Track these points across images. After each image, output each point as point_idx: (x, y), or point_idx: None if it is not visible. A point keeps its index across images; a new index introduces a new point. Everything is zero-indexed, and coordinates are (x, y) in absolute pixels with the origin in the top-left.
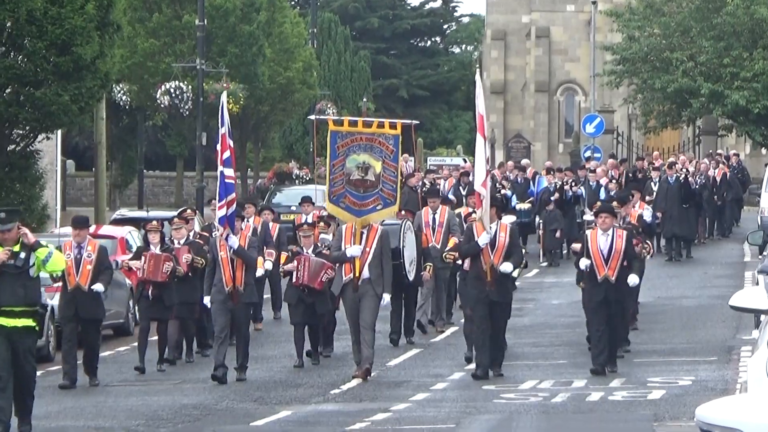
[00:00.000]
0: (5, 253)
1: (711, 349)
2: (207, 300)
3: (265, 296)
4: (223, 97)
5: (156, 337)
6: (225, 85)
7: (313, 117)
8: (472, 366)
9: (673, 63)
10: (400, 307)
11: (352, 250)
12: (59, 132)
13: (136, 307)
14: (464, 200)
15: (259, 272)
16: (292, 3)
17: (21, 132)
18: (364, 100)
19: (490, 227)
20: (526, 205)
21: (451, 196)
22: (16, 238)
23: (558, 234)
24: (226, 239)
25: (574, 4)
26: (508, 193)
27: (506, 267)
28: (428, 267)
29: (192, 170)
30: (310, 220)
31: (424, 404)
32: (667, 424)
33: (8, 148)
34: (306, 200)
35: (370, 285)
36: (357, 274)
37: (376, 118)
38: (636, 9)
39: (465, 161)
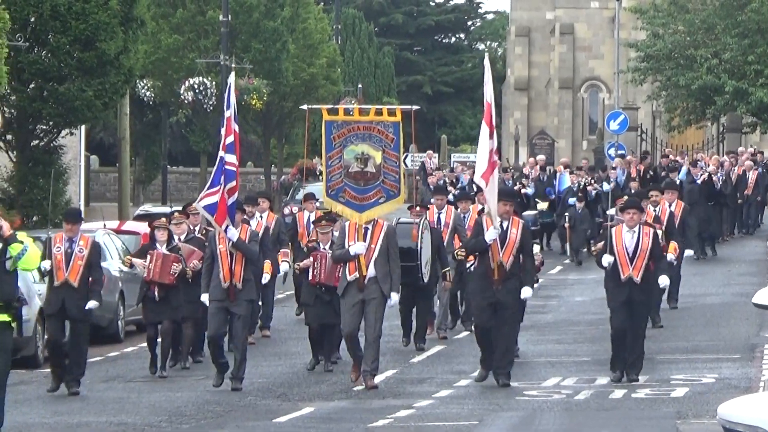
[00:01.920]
0: None
1: (734, 347)
2: (205, 297)
3: (286, 293)
4: (231, 78)
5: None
6: (249, 81)
7: (305, 107)
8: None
9: (697, 60)
10: (411, 310)
11: (356, 247)
12: (83, 127)
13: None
14: (475, 198)
15: (266, 278)
16: None
17: (45, 127)
18: (360, 86)
19: (502, 223)
20: (544, 205)
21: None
22: None
23: (588, 233)
24: (225, 231)
25: (598, 0)
26: (529, 191)
27: (526, 293)
28: (447, 273)
29: (213, 165)
30: (313, 218)
31: (447, 401)
32: (691, 421)
33: (32, 144)
34: (309, 197)
35: (376, 285)
36: (362, 273)
37: (374, 105)
38: (660, 6)
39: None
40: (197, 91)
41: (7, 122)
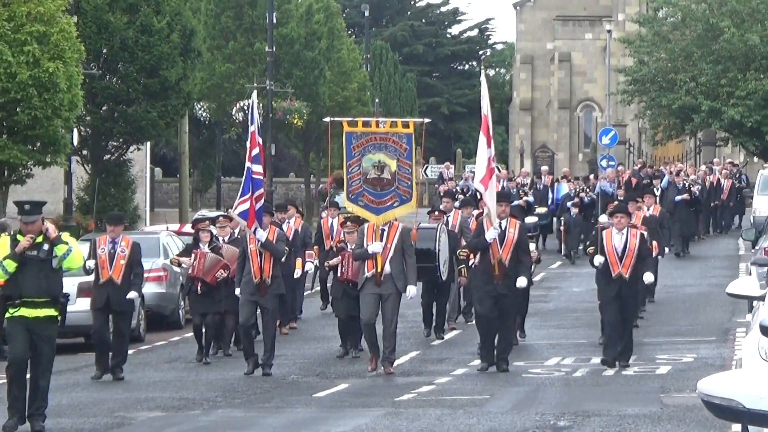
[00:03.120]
0: (27, 240)
1: (710, 331)
2: (238, 291)
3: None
4: (254, 97)
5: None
6: (291, 102)
7: (327, 119)
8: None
9: (677, 83)
10: (431, 305)
11: (374, 246)
12: (148, 144)
13: (187, 302)
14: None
15: (297, 273)
16: (349, 32)
17: (115, 144)
18: (377, 101)
19: (501, 223)
20: (543, 209)
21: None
22: (40, 230)
23: (582, 235)
24: (254, 232)
25: (591, 32)
26: (531, 198)
27: (521, 282)
28: (462, 269)
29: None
30: (336, 223)
31: (463, 378)
32: (673, 395)
33: (104, 158)
34: (332, 205)
35: (391, 280)
36: (379, 270)
37: (389, 118)
38: (645, 36)
39: (499, 169)
40: (247, 112)
41: (83, 139)
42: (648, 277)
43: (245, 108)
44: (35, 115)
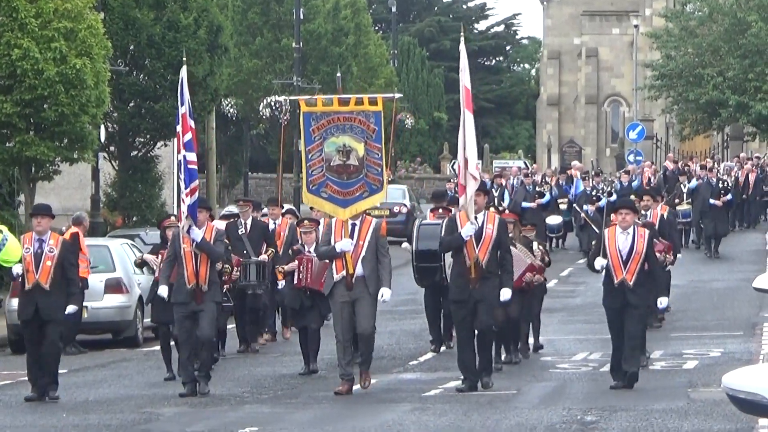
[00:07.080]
0: None
1: (737, 325)
2: (163, 289)
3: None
4: (183, 73)
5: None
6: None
7: (282, 98)
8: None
9: (704, 78)
10: (438, 311)
11: (342, 244)
12: (175, 139)
13: (151, 309)
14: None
15: (280, 284)
16: (376, 28)
17: (142, 140)
18: (339, 75)
19: (476, 217)
20: (564, 205)
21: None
22: None
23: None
24: (188, 231)
25: (618, 27)
26: (545, 199)
27: (505, 294)
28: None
29: (290, 172)
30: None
31: None
32: (700, 390)
33: (132, 154)
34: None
35: (363, 284)
36: (350, 271)
37: (354, 95)
38: (672, 31)
39: (526, 164)
40: (274, 108)
41: (110, 136)
42: (663, 302)
43: (272, 104)
44: (62, 112)
